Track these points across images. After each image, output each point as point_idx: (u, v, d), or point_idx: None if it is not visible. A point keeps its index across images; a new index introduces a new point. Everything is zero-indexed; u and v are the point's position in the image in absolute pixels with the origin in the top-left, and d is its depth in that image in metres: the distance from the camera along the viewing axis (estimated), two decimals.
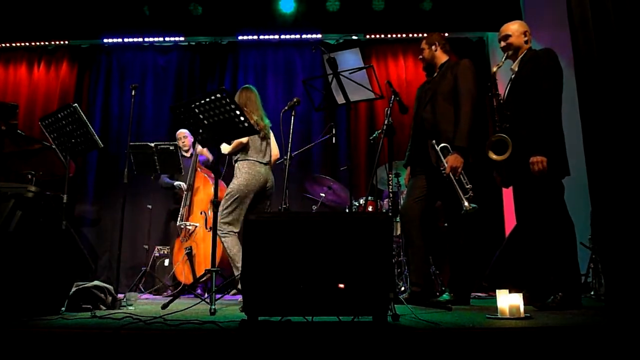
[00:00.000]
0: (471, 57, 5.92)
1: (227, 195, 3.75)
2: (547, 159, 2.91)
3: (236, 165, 3.87)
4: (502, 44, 3.27)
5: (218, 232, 3.67)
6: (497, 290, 2.41)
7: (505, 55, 3.27)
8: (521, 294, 2.35)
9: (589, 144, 3.22)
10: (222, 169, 5.00)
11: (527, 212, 3.17)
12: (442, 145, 3.27)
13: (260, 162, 3.87)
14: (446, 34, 5.96)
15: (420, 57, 3.65)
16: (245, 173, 3.79)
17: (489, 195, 5.47)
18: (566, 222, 2.95)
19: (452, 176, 3.16)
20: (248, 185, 3.77)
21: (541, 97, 2.99)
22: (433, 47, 3.57)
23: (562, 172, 3.02)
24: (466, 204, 3.05)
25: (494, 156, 3.07)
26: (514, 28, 3.24)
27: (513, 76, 3.23)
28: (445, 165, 3.20)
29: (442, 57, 3.56)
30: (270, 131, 4.04)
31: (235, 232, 3.74)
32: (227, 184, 3.90)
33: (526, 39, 3.21)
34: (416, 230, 3.36)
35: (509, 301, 2.33)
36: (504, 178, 3.26)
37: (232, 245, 3.71)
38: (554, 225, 2.94)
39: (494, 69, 3.24)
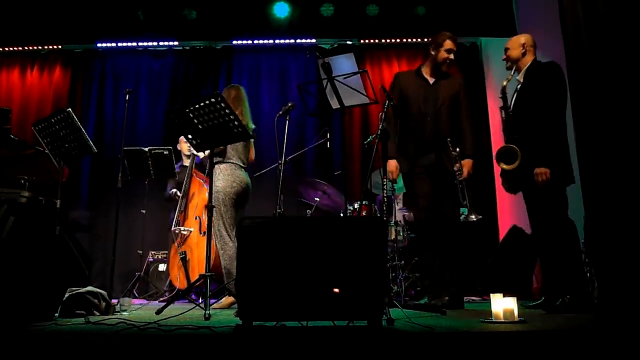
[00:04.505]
0: (465, 62, 6.03)
1: (216, 199, 3.64)
2: (551, 170, 3.00)
3: (215, 167, 3.80)
4: (503, 57, 3.40)
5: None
6: (491, 294, 2.42)
7: (513, 69, 3.36)
8: (515, 298, 2.36)
9: (581, 149, 3.25)
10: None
11: (535, 219, 3.24)
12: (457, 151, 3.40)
13: (241, 166, 3.83)
14: None
15: (452, 59, 3.62)
16: (225, 175, 3.70)
17: (483, 201, 5.50)
18: (569, 228, 3.04)
19: (464, 182, 3.31)
20: (233, 187, 3.70)
21: (546, 109, 3.07)
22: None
23: (566, 181, 3.10)
24: (473, 215, 3.20)
25: (504, 166, 3.17)
26: (512, 41, 3.37)
27: (519, 87, 3.32)
28: (461, 170, 3.36)
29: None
30: None
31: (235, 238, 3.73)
32: None
33: (524, 50, 3.29)
34: (434, 235, 3.40)
35: (503, 305, 2.34)
36: (510, 185, 3.32)
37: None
38: (558, 232, 3.02)
39: (504, 83, 3.32)
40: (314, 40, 5.97)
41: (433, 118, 3.47)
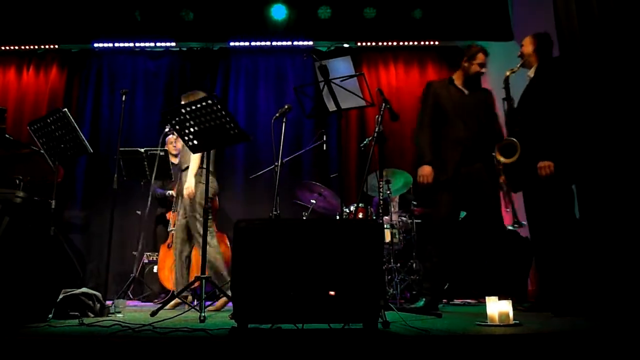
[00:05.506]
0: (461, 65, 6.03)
1: (193, 203, 3.77)
2: (557, 165, 2.98)
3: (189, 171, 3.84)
4: (518, 53, 3.43)
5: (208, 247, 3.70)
6: (486, 297, 2.42)
7: (521, 62, 3.38)
8: (510, 301, 2.37)
9: (577, 148, 3.25)
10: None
11: (537, 218, 3.21)
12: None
13: (212, 171, 3.82)
14: (436, 43, 6.03)
15: (482, 72, 3.56)
16: (203, 182, 3.74)
17: None
18: (575, 228, 3.03)
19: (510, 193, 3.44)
20: (209, 192, 3.76)
21: (558, 103, 3.06)
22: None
23: (574, 178, 3.10)
24: (517, 224, 3.42)
25: (502, 159, 3.14)
26: (526, 38, 3.39)
27: (529, 82, 3.32)
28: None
29: None
30: None
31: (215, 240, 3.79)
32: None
33: (535, 47, 3.30)
34: (447, 241, 3.39)
35: (498, 308, 2.34)
36: (511, 182, 3.31)
37: (216, 252, 3.76)
38: (562, 232, 3.00)
39: (507, 73, 3.32)
40: (311, 43, 5.97)
41: (476, 128, 3.39)
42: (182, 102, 3.90)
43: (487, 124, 3.40)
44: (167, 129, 4.05)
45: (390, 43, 6.05)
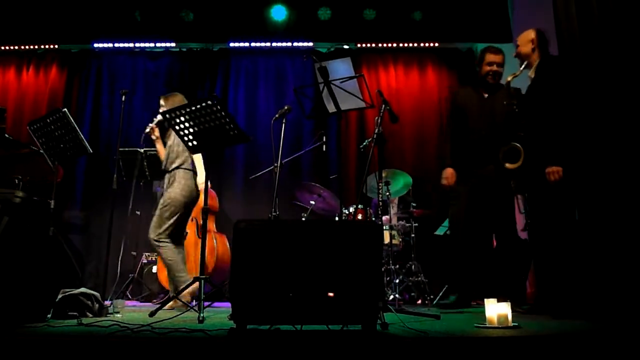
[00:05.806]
0: (460, 68, 6.05)
1: (168, 203, 3.70)
2: (564, 169, 2.96)
3: (175, 173, 3.82)
4: (513, 54, 3.39)
5: (155, 243, 3.67)
6: (485, 300, 2.42)
7: (523, 64, 3.32)
8: (509, 303, 2.37)
9: (577, 149, 3.25)
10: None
11: (539, 220, 3.19)
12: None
13: (195, 174, 3.85)
14: (436, 44, 6.04)
15: (496, 71, 3.61)
16: (182, 185, 3.75)
17: None
18: (576, 232, 3.04)
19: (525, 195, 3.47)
20: (190, 196, 3.76)
21: (560, 104, 3.04)
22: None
23: (576, 182, 3.09)
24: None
25: (508, 165, 3.15)
26: (522, 37, 3.34)
27: (530, 83, 3.29)
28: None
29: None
30: None
31: (171, 243, 3.71)
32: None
33: (533, 46, 3.25)
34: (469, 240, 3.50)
35: (497, 310, 2.34)
36: (517, 185, 3.33)
37: (172, 254, 3.67)
38: (565, 234, 3.00)
39: (509, 78, 3.29)
40: (311, 44, 5.98)
41: (489, 132, 3.46)
42: (162, 104, 3.89)
43: (506, 124, 3.40)
44: (147, 130, 3.98)
45: (390, 44, 6.06)
